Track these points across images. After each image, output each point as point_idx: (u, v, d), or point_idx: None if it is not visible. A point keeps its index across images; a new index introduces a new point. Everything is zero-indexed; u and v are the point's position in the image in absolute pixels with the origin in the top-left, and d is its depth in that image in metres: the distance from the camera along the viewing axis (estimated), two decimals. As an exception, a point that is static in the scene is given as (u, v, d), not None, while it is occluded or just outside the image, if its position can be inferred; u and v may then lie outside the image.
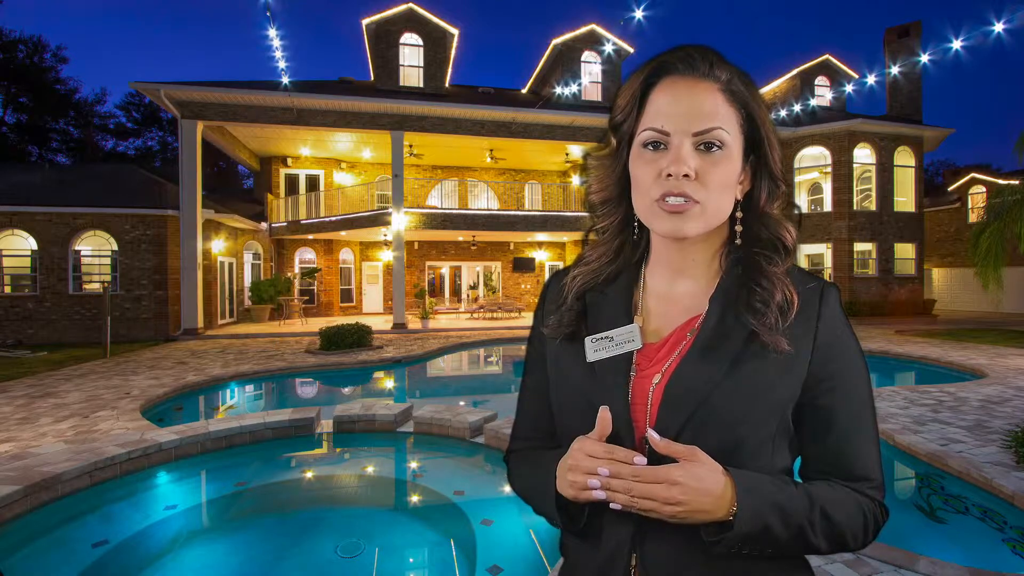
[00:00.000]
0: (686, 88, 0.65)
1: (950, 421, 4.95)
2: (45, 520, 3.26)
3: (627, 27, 13.74)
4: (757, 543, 0.60)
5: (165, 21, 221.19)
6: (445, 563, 3.00)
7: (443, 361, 10.73)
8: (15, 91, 29.58)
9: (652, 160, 0.66)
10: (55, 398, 6.30)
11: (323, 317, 17.42)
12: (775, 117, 17.32)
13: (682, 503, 0.58)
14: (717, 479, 0.59)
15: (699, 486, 0.58)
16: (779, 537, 0.61)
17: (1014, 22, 11.27)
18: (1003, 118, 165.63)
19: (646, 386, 0.68)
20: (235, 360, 9.22)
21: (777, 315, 0.64)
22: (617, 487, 0.60)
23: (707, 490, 0.58)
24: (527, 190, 20.54)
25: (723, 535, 0.60)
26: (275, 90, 13.43)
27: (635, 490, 0.59)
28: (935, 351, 9.82)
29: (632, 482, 0.59)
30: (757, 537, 0.60)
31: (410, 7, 16.13)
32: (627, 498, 0.59)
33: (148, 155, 34.23)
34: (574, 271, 0.78)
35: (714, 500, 0.59)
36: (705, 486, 0.58)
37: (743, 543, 0.60)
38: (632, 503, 0.60)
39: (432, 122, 14.98)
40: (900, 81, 18.50)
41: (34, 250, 12.43)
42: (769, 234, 0.70)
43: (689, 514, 0.59)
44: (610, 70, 17.73)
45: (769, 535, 0.60)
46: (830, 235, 16.80)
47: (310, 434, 4.78)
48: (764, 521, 0.60)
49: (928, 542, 3.09)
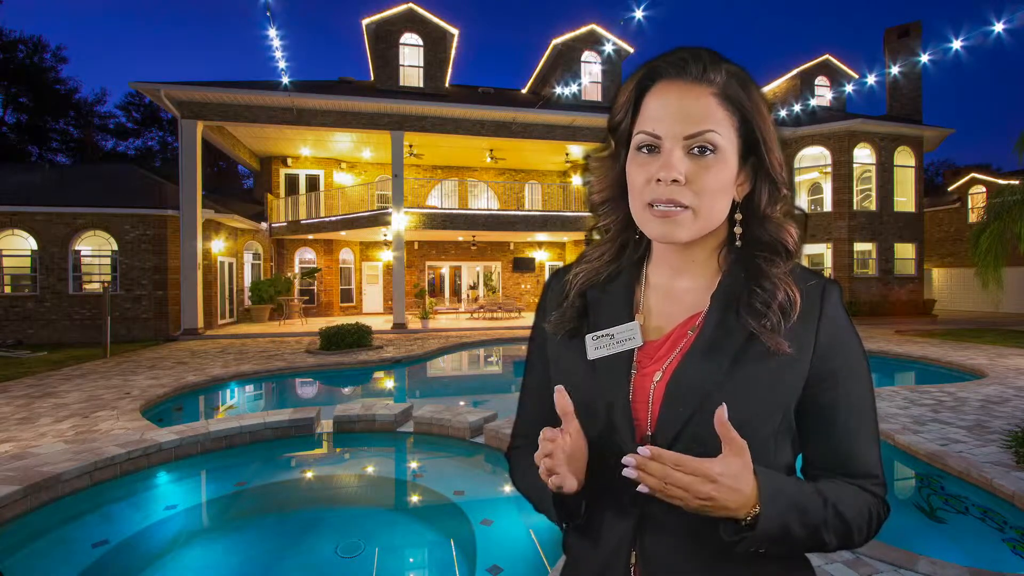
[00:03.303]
0: (677, 93, 0.65)
1: (950, 421, 4.95)
2: (45, 520, 3.25)
3: (627, 27, 13.79)
4: (776, 543, 0.60)
5: (165, 21, 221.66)
6: (445, 563, 3.00)
7: (443, 361, 10.72)
8: (15, 91, 29.59)
9: (644, 164, 0.66)
10: (55, 398, 6.30)
11: (323, 317, 17.41)
12: (775, 117, 17.29)
13: (714, 499, 0.57)
14: (749, 479, 0.58)
15: (735, 485, 0.57)
16: (797, 537, 0.60)
17: (1014, 22, 11.27)
18: (1003, 118, 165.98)
19: (647, 384, 0.68)
20: (235, 360, 9.22)
21: (779, 316, 0.64)
22: (654, 471, 0.58)
23: (739, 490, 0.58)
24: (527, 190, 20.54)
25: (743, 535, 0.59)
26: (275, 90, 13.43)
27: (671, 478, 0.57)
28: (935, 351, 9.81)
29: (671, 469, 0.57)
30: (777, 537, 0.60)
31: (410, 7, 16.13)
32: (660, 484, 0.58)
33: (148, 155, 34.21)
34: (576, 268, 0.79)
35: (741, 500, 0.58)
36: (739, 486, 0.58)
37: (763, 543, 0.60)
38: (664, 489, 0.58)
39: (432, 122, 14.98)
40: (900, 81, 18.50)
41: (34, 250, 12.43)
42: (770, 236, 0.70)
43: (715, 509, 0.58)
44: (610, 70, 17.73)
45: (788, 535, 0.60)
46: (830, 235, 16.80)
47: (310, 434, 4.78)
48: (785, 522, 0.59)
49: (928, 542, 3.09)
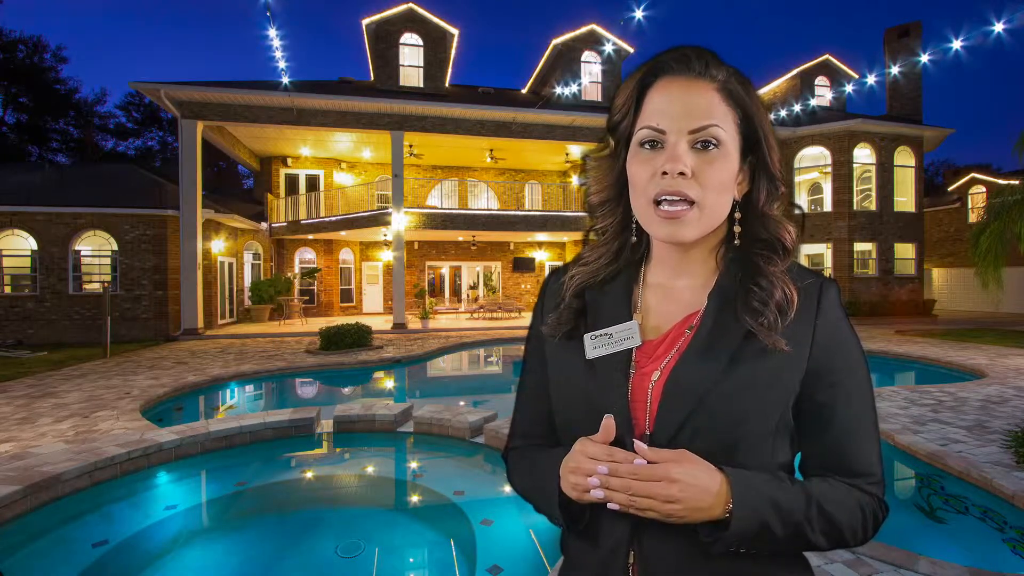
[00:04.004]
0: (681, 87, 0.66)
1: (950, 421, 4.95)
2: (45, 520, 3.25)
3: (627, 27, 13.79)
4: (755, 542, 0.60)
5: (165, 21, 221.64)
6: (445, 563, 3.00)
7: (443, 361, 10.71)
8: (15, 91, 29.59)
9: (648, 159, 0.66)
10: (55, 398, 6.30)
11: (323, 317, 17.41)
12: (775, 117, 17.32)
13: (680, 500, 0.58)
14: (713, 476, 0.59)
15: (697, 483, 0.58)
16: (777, 535, 0.60)
17: (1014, 22, 11.27)
18: (1003, 118, 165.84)
19: (645, 383, 0.68)
20: (235, 360, 9.22)
21: (776, 314, 0.64)
22: (616, 486, 0.60)
23: (704, 487, 0.58)
24: (527, 190, 20.54)
25: (719, 534, 0.60)
26: (275, 90, 13.42)
27: (634, 488, 0.59)
28: (935, 351, 9.81)
29: (631, 480, 0.59)
30: (754, 535, 0.60)
31: (410, 7, 16.13)
32: (626, 497, 0.59)
33: (148, 155, 34.22)
34: (572, 270, 0.78)
35: (711, 497, 0.59)
36: (702, 483, 0.58)
37: (740, 542, 0.60)
38: (631, 502, 0.59)
39: (432, 122, 14.98)
40: (900, 81, 18.50)
41: (34, 250, 12.42)
42: (768, 234, 0.70)
43: (687, 512, 0.59)
44: (610, 70, 17.73)
45: (767, 533, 0.60)
46: (830, 235, 16.80)
47: (310, 434, 4.78)
48: (761, 519, 0.60)
49: (928, 542, 3.09)
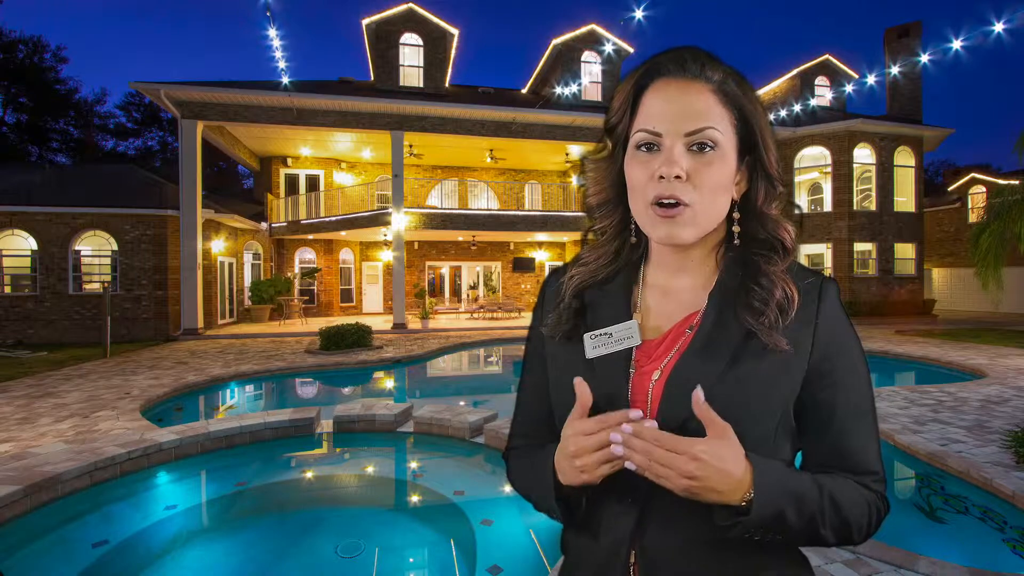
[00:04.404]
0: (677, 89, 0.66)
1: (950, 421, 4.95)
2: (45, 520, 3.25)
3: (627, 27, 13.79)
4: (770, 530, 0.60)
5: (165, 21, 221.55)
6: (445, 563, 3.00)
7: (443, 361, 10.72)
8: (15, 91, 29.60)
9: (645, 162, 0.66)
10: (55, 398, 6.30)
11: (323, 317, 17.41)
12: (775, 117, 17.32)
13: (698, 479, 0.57)
14: (739, 463, 0.59)
15: (720, 466, 0.57)
16: (792, 525, 0.61)
17: (1014, 22, 11.27)
18: (1003, 118, 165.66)
19: (645, 383, 0.68)
20: (235, 360, 9.22)
21: (776, 314, 0.64)
22: (637, 447, 0.59)
23: (727, 471, 0.58)
24: (527, 190, 20.53)
25: (738, 520, 0.60)
26: (275, 90, 13.43)
27: (655, 455, 0.58)
28: (935, 351, 9.81)
29: (653, 446, 0.58)
30: (771, 524, 0.60)
31: (410, 7, 16.13)
32: (645, 460, 0.58)
33: (148, 155, 34.22)
34: (571, 271, 0.78)
35: (732, 483, 0.58)
36: (725, 467, 0.58)
37: (757, 529, 0.60)
38: (649, 467, 0.58)
39: (432, 122, 14.98)
40: (900, 81, 18.50)
41: (34, 250, 12.43)
42: (767, 234, 0.70)
43: (701, 491, 0.58)
44: (610, 70, 17.73)
45: (783, 523, 0.60)
46: (830, 235, 16.80)
47: (310, 434, 4.78)
48: (779, 508, 0.60)
49: (928, 542, 3.09)
